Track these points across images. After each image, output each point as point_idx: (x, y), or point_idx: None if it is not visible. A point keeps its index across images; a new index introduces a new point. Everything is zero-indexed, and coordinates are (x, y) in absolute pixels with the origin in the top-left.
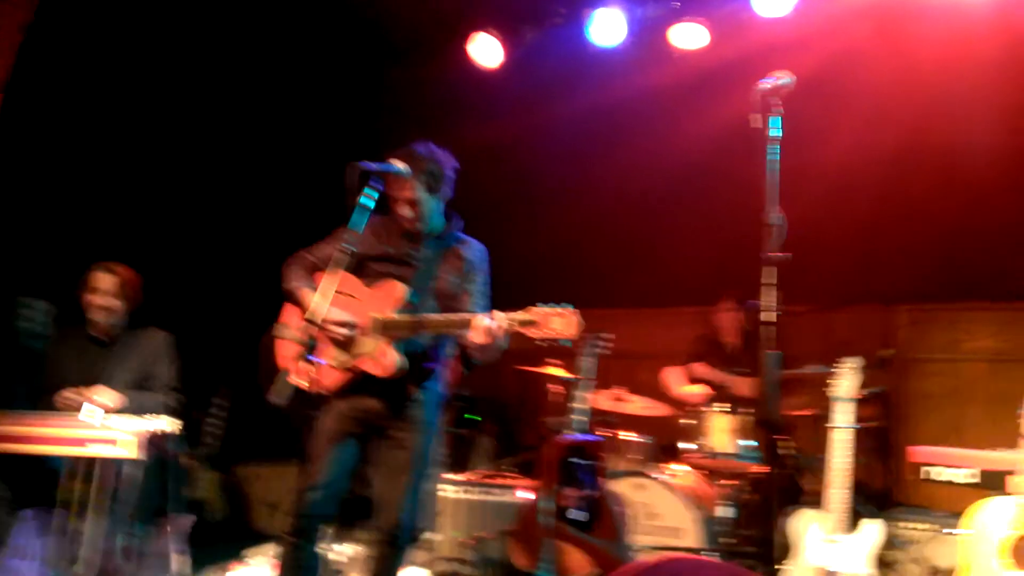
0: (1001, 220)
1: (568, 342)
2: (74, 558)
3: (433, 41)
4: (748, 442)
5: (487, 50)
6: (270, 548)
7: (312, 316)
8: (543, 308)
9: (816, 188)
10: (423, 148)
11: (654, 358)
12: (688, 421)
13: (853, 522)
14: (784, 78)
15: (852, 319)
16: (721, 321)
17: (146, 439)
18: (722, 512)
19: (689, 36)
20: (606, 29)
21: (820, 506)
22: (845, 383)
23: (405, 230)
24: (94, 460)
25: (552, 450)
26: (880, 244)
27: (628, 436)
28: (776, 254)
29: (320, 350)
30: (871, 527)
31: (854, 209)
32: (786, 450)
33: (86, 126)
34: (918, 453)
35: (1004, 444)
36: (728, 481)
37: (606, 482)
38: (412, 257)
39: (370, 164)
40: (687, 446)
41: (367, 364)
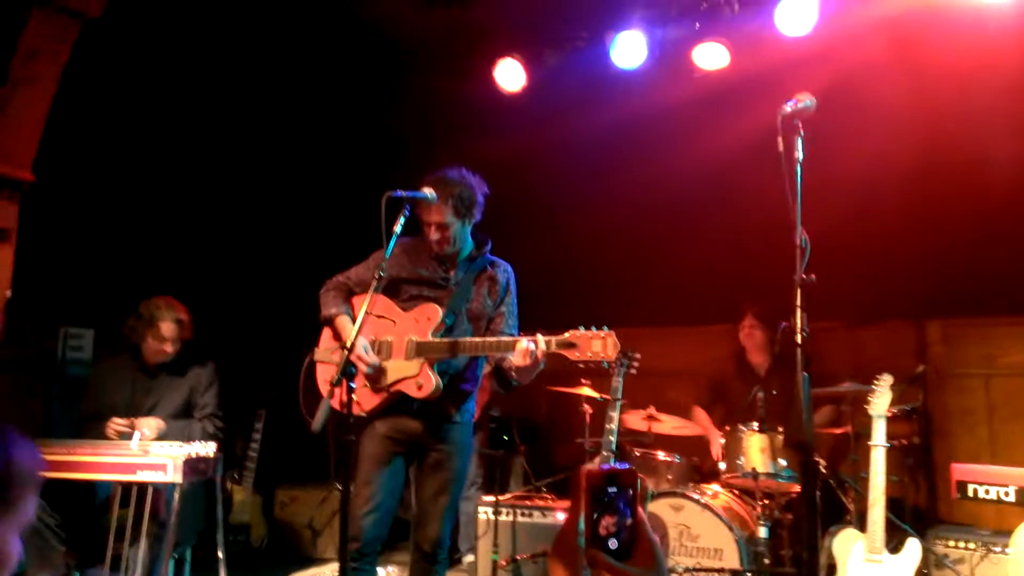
0: None
1: (606, 363)
2: None
3: (457, 60)
4: (785, 461)
5: (510, 74)
6: (314, 571)
7: (347, 344)
8: (583, 331)
9: (841, 203)
10: (455, 173)
11: (681, 376)
12: (724, 441)
13: (896, 541)
14: (805, 101)
15: (883, 335)
16: (745, 340)
17: (189, 464)
18: (762, 532)
19: (710, 56)
20: (628, 51)
21: (862, 525)
22: (883, 400)
23: (436, 254)
24: (144, 486)
25: (585, 478)
26: (908, 259)
27: (665, 457)
28: (804, 276)
29: (358, 375)
30: (913, 546)
31: (880, 223)
32: (822, 469)
33: (122, 155)
34: (960, 471)
35: None
36: (767, 501)
37: (642, 509)
38: (447, 280)
39: (399, 192)
40: (724, 466)
41: (406, 386)
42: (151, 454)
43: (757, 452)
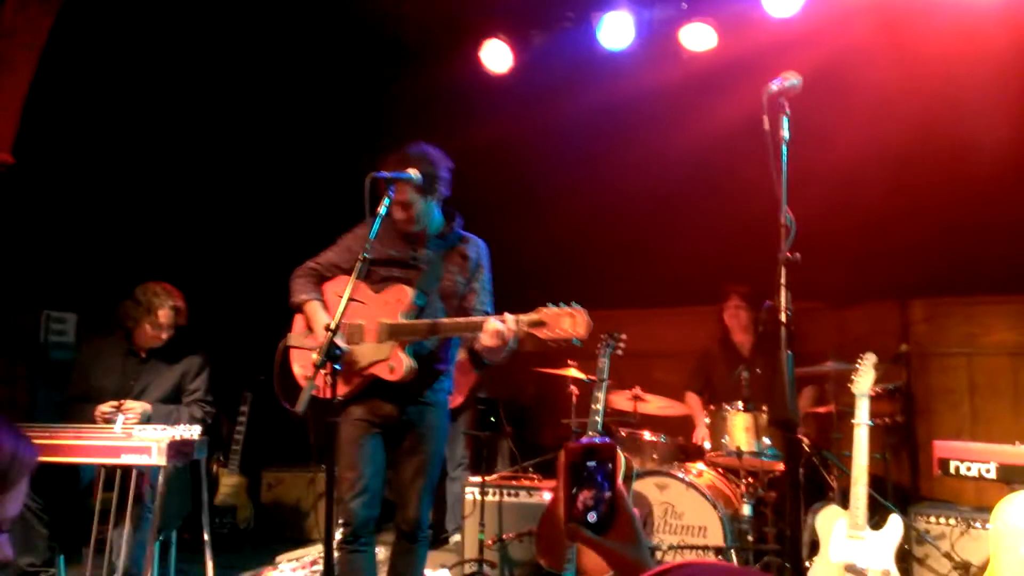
0: (1012, 213)
1: (579, 342)
2: (111, 567)
3: (442, 44)
4: (769, 440)
5: (496, 55)
6: (301, 552)
7: (330, 326)
8: (552, 308)
9: (827, 184)
10: (415, 149)
11: (667, 357)
12: (708, 420)
13: (878, 517)
14: (792, 79)
15: (866, 315)
16: (730, 320)
17: (173, 447)
18: (746, 510)
19: (697, 37)
20: (615, 32)
21: (845, 503)
22: (866, 379)
23: (404, 233)
24: (128, 469)
25: (564, 452)
26: (892, 239)
27: (650, 436)
28: (789, 255)
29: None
30: (895, 522)
31: (865, 205)
32: (806, 448)
33: (104, 140)
34: (942, 448)
35: None
36: (751, 479)
37: (622, 484)
38: (416, 259)
39: (383, 173)
40: (708, 445)
41: (379, 369)
42: (135, 437)
43: (741, 431)
